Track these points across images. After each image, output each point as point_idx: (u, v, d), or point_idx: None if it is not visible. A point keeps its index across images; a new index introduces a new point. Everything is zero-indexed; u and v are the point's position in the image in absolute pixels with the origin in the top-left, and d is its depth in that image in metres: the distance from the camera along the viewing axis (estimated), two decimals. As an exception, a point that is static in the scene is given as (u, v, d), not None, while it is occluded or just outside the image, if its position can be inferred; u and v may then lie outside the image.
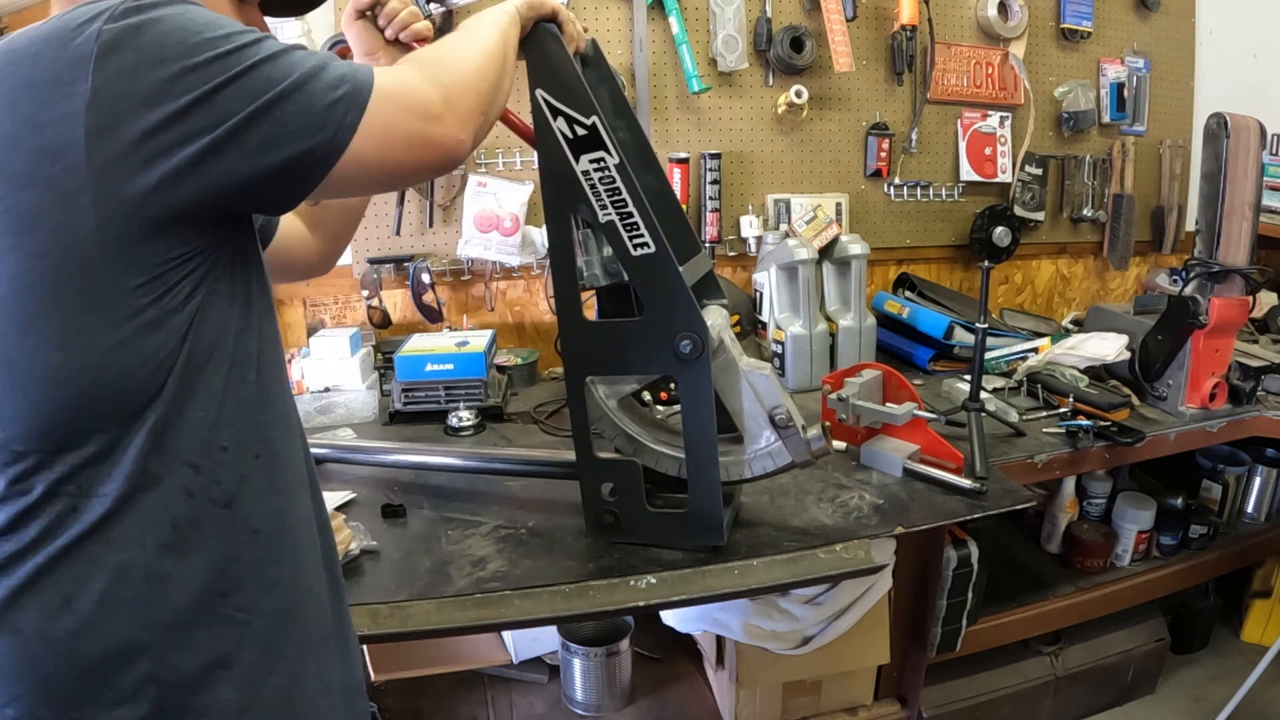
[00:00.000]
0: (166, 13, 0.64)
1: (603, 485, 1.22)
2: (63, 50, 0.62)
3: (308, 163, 0.69)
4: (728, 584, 1.19)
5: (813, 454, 1.17)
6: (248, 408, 0.75)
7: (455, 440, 1.72)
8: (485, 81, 0.83)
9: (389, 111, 0.72)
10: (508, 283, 2.16)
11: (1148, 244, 2.71)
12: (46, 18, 0.67)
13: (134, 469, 0.67)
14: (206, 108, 0.64)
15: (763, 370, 1.17)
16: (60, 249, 0.63)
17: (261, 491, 0.76)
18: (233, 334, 0.73)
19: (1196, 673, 2.29)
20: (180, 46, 0.63)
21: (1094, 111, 2.48)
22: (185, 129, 0.63)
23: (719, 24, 2.09)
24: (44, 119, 0.61)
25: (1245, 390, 1.87)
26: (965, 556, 1.65)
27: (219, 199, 0.67)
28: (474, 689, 1.89)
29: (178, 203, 0.65)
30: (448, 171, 0.80)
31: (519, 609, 1.13)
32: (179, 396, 0.69)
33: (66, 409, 0.66)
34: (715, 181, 2.14)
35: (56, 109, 0.61)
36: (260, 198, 0.71)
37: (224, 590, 0.72)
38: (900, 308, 2.24)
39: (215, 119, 0.64)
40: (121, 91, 0.61)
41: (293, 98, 0.67)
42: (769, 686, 1.71)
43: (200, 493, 0.71)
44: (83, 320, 0.65)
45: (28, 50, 0.63)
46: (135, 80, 0.62)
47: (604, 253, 1.20)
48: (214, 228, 0.70)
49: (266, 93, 0.66)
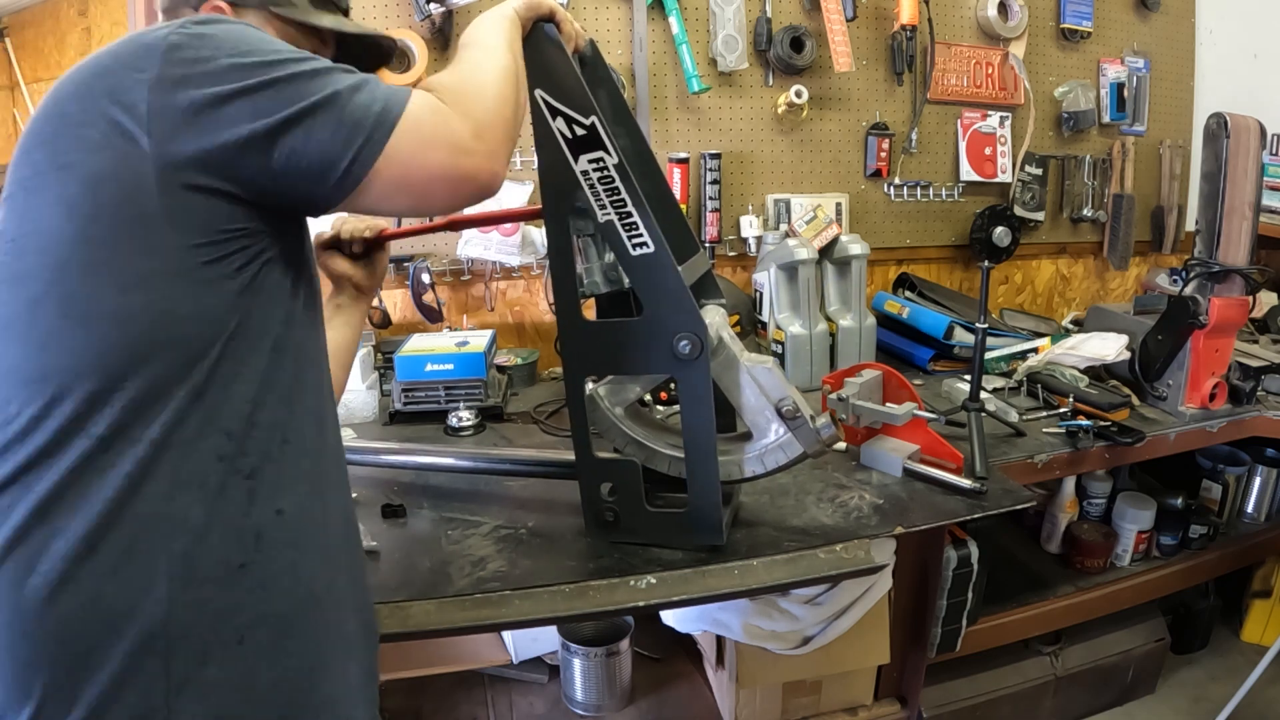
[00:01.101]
0: (230, 27, 0.75)
1: (602, 485, 1.22)
2: (138, 45, 0.72)
3: (334, 173, 0.74)
4: (728, 584, 1.19)
5: (823, 442, 1.16)
6: (283, 395, 0.78)
7: (455, 440, 1.72)
8: (509, 107, 0.86)
9: (416, 139, 0.76)
10: (508, 283, 2.16)
11: (1148, 244, 2.71)
12: (51, 19, 0.71)
13: (172, 419, 0.71)
14: (248, 102, 0.71)
15: (765, 364, 1.17)
16: (128, 202, 0.70)
17: (287, 477, 0.78)
18: (280, 321, 0.78)
19: (1196, 673, 2.29)
20: (234, 48, 0.72)
21: (1094, 111, 2.48)
22: (229, 114, 0.70)
23: (719, 24, 2.09)
24: (118, 98, 0.70)
25: (1245, 390, 1.87)
26: (965, 556, 1.65)
27: (256, 187, 0.73)
28: (474, 689, 1.89)
29: (222, 178, 0.71)
30: (480, 201, 0.82)
31: (519, 609, 1.13)
32: (223, 363, 0.73)
33: (122, 349, 0.70)
34: (715, 181, 2.14)
35: (128, 90, 0.70)
36: (292, 196, 0.76)
37: (242, 560, 0.74)
38: (900, 308, 2.24)
39: (254, 114, 0.71)
40: (180, 76, 0.70)
41: (326, 109, 0.72)
42: (769, 686, 1.71)
43: (230, 459, 0.74)
44: (147, 265, 0.71)
45: (112, 47, 0.74)
46: (192, 67, 0.71)
47: (604, 260, 1.20)
48: (266, 215, 0.76)
49: (302, 100, 0.72)
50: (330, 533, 0.84)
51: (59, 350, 0.70)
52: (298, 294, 0.81)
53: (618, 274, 1.19)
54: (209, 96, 0.70)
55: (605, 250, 1.20)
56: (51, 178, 0.71)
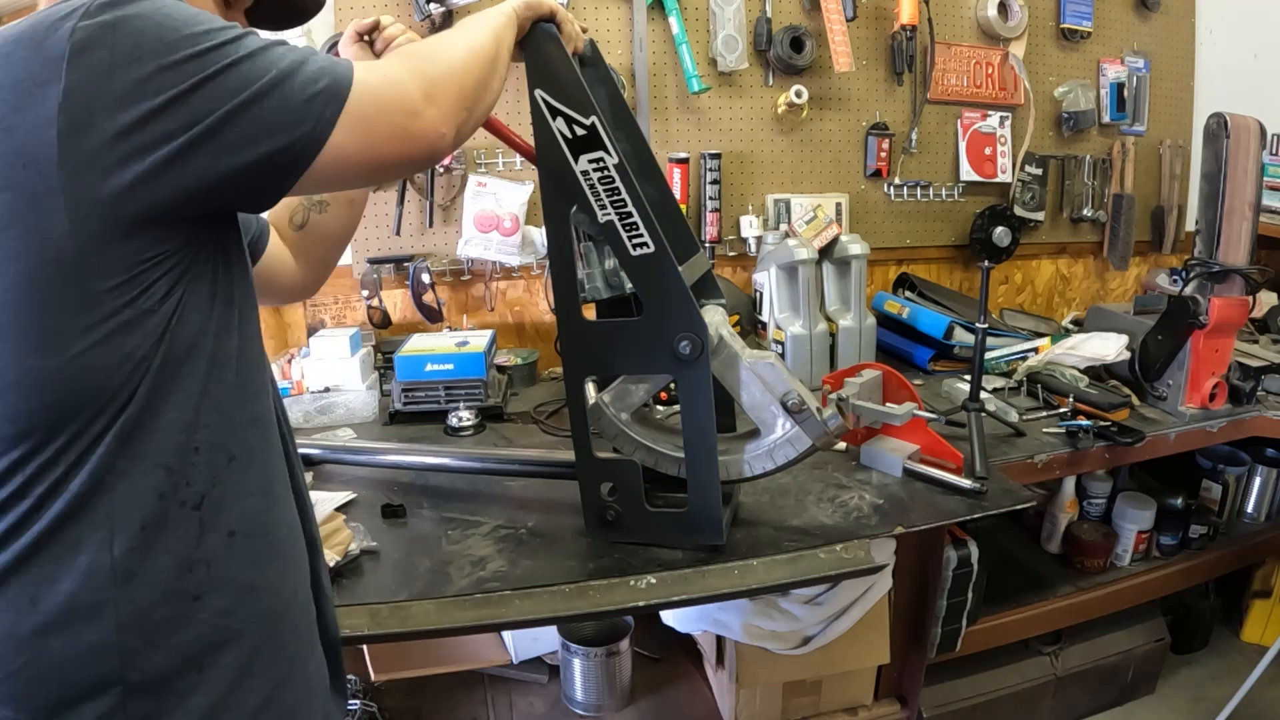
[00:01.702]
0: (142, 8, 0.63)
1: (602, 485, 1.22)
2: (36, 50, 0.61)
3: (286, 157, 0.68)
4: (728, 584, 1.19)
5: (831, 433, 1.16)
6: (224, 409, 0.73)
7: (455, 440, 1.72)
8: (470, 77, 0.82)
9: (369, 105, 0.71)
10: (508, 283, 2.16)
11: (1148, 244, 2.71)
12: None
13: (98, 467, 0.66)
14: (183, 107, 0.63)
15: (767, 359, 1.17)
16: (33, 253, 0.62)
17: (236, 493, 0.74)
18: (212, 333, 0.72)
19: (1196, 673, 2.29)
20: (156, 44, 0.62)
21: (1094, 111, 2.48)
22: (161, 128, 0.62)
23: (719, 24, 2.09)
24: (16, 121, 0.61)
25: (1245, 390, 1.87)
26: (965, 556, 1.65)
27: (197, 196, 0.66)
28: (474, 689, 1.89)
29: (154, 202, 0.64)
30: (429, 166, 0.80)
31: (519, 609, 1.13)
32: (153, 397, 0.68)
33: (39, 411, 0.65)
34: (715, 181, 2.14)
35: (29, 111, 0.60)
36: (240, 194, 0.70)
37: (196, 593, 0.71)
38: (900, 308, 2.24)
39: (192, 118, 0.63)
40: (95, 91, 0.60)
41: (271, 94, 0.66)
42: (769, 686, 1.71)
43: (170, 494, 0.69)
44: (58, 324, 0.64)
45: (1, 51, 0.62)
46: (109, 80, 0.61)
47: (605, 265, 1.20)
48: (192, 226, 0.69)
49: (245, 90, 0.65)
50: (285, 537, 0.81)
51: None
52: (231, 297, 0.75)
53: (619, 279, 1.19)
54: (135, 117, 0.61)
55: (606, 256, 1.20)
56: None
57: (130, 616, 0.68)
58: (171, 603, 0.70)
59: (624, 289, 1.20)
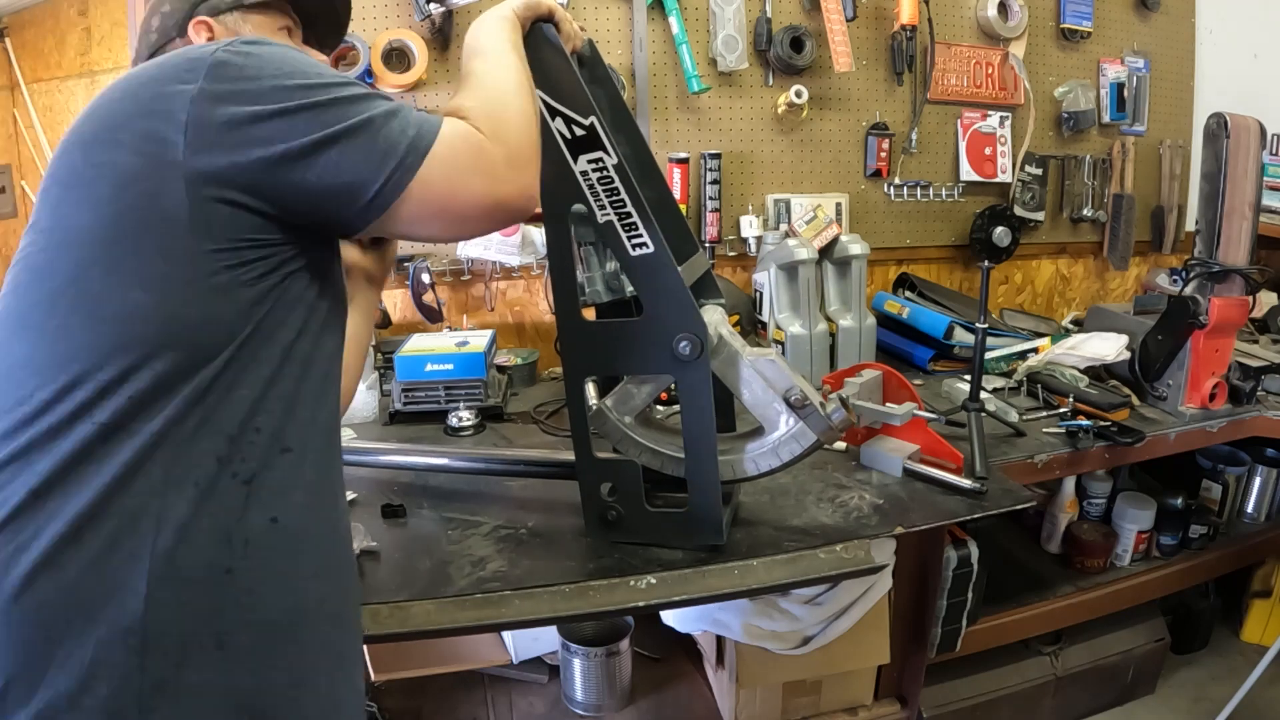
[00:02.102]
0: (275, 50, 0.78)
1: (602, 485, 1.22)
2: (185, 59, 0.76)
3: (363, 196, 0.76)
4: (728, 584, 1.19)
5: (836, 427, 1.15)
6: (288, 401, 0.79)
7: (455, 440, 1.72)
8: (534, 125, 0.88)
9: (451, 167, 0.78)
10: (508, 283, 2.16)
11: (1148, 244, 2.71)
12: (51, 19, 0.72)
13: (172, 416, 0.72)
14: (284, 121, 0.74)
15: (768, 355, 1.17)
16: (153, 205, 0.73)
17: (284, 484, 0.78)
18: (293, 332, 0.80)
19: (1196, 673, 2.29)
20: (277, 69, 0.75)
21: (1094, 111, 2.48)
22: (264, 132, 0.73)
23: (719, 24, 2.09)
24: (159, 106, 0.73)
25: (1245, 390, 1.87)
26: (965, 556, 1.65)
27: (283, 204, 0.76)
28: (474, 689, 1.89)
29: (248, 193, 0.74)
30: (517, 223, 0.84)
31: (519, 609, 1.13)
32: (230, 368, 0.75)
33: (132, 345, 0.72)
34: (715, 181, 2.14)
35: (170, 99, 0.73)
36: (326, 215, 0.78)
37: (229, 565, 0.74)
38: (900, 308, 2.24)
39: (289, 133, 0.74)
40: (223, 92, 0.73)
41: (361, 132, 0.75)
42: (769, 686, 1.71)
43: (226, 462, 0.74)
44: (163, 268, 0.73)
45: (160, 59, 0.77)
46: (235, 84, 0.74)
47: (606, 268, 1.20)
48: (292, 231, 0.78)
49: (338, 123, 0.74)
50: (327, 546, 0.83)
51: (73, 342, 0.72)
52: (318, 309, 0.83)
53: (620, 282, 1.19)
54: (248, 114, 0.73)
55: (607, 259, 1.20)
56: (85, 176, 0.74)
57: (163, 568, 0.70)
58: (204, 568, 0.72)
59: (624, 292, 1.19)
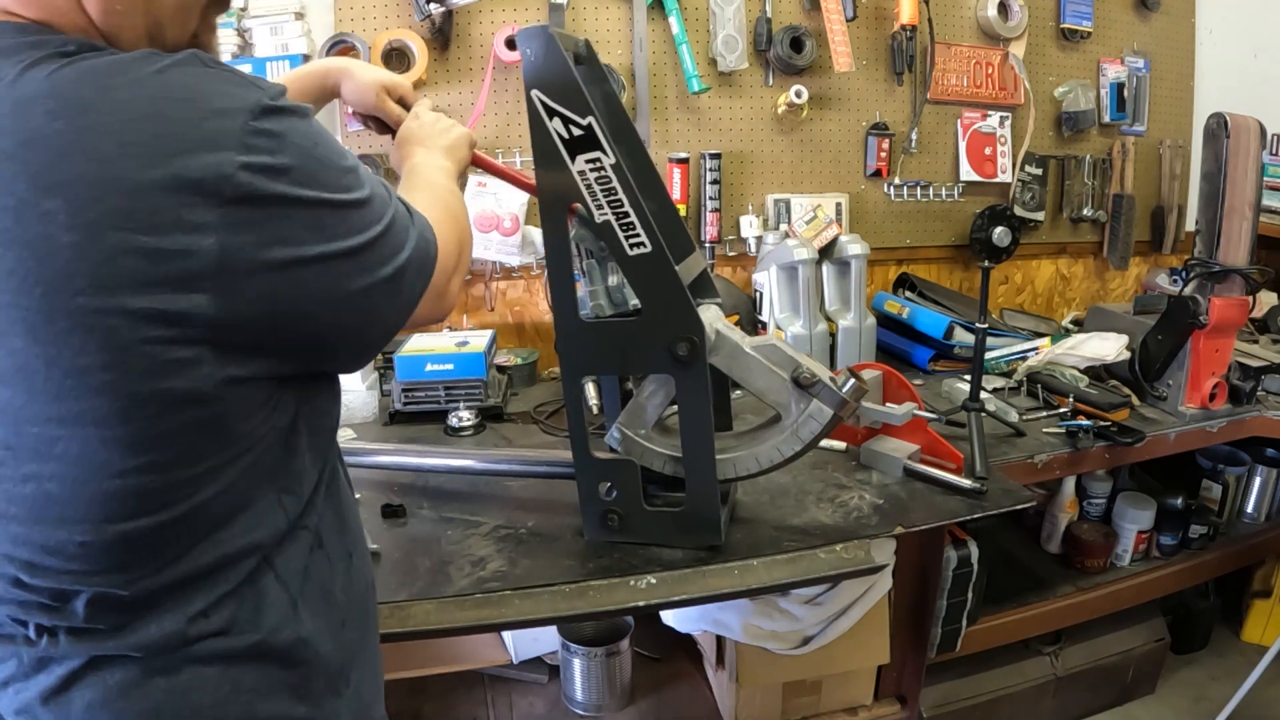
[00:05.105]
0: (304, 122, 0.65)
1: (600, 485, 1.22)
2: (194, 129, 0.58)
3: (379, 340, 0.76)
4: (728, 584, 1.19)
5: (851, 398, 1.14)
6: (329, 438, 0.80)
7: (455, 440, 1.72)
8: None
9: (434, 282, 0.77)
10: (508, 283, 2.16)
11: (1148, 244, 2.71)
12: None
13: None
14: (305, 220, 0.64)
15: (770, 342, 1.16)
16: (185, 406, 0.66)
17: (330, 519, 0.79)
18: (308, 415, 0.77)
19: (1196, 673, 2.29)
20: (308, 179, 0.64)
21: (1094, 111, 2.48)
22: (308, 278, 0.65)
23: (719, 24, 2.09)
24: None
25: (1245, 390, 1.87)
26: (965, 556, 1.65)
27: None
28: (474, 689, 1.89)
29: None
30: None
31: (519, 609, 1.13)
32: (291, 463, 0.73)
33: (213, 524, 0.69)
34: (715, 181, 2.14)
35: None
36: (328, 360, 0.75)
37: (344, 619, 0.79)
38: (900, 308, 2.24)
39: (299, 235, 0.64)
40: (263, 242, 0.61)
41: (393, 281, 0.71)
42: (769, 686, 1.71)
43: (309, 538, 0.76)
44: (214, 461, 0.68)
45: (153, 104, 0.57)
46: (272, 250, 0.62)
47: (609, 282, 1.20)
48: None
49: (378, 270, 0.69)
50: (357, 555, 0.86)
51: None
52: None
53: (623, 295, 1.19)
54: (284, 259, 0.61)
55: (611, 271, 1.19)
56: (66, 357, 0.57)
57: (320, 666, 0.74)
58: (334, 636, 0.76)
59: (627, 305, 1.19)
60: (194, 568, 0.65)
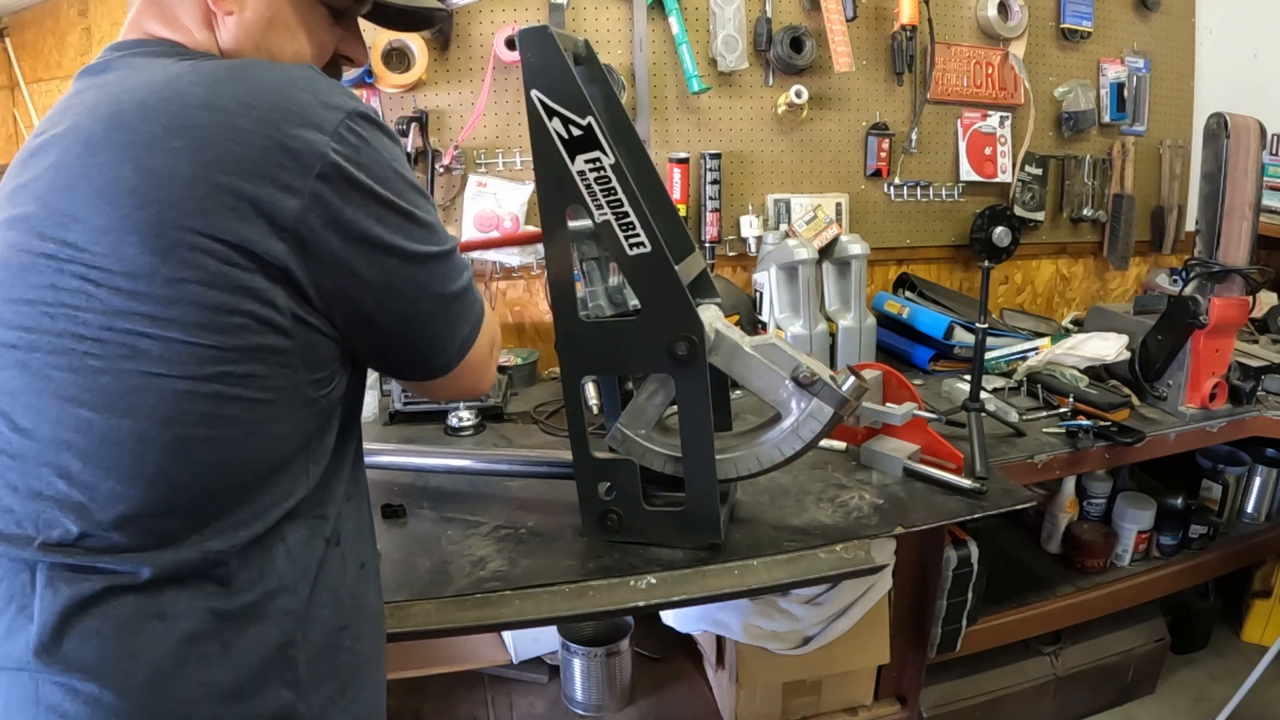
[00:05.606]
0: (390, 140, 0.75)
1: (600, 485, 1.22)
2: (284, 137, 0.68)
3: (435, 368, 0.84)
4: (728, 584, 1.19)
5: (850, 397, 1.14)
6: (343, 453, 0.82)
7: (455, 440, 1.72)
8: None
9: (478, 346, 0.86)
10: (508, 283, 2.16)
11: (1148, 244, 2.71)
12: (51, 19, 0.72)
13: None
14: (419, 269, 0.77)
15: (769, 341, 1.16)
16: (257, 342, 0.72)
17: (354, 530, 0.83)
18: (349, 400, 0.83)
19: (1196, 673, 2.29)
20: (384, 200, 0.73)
21: (1094, 111, 2.48)
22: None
23: (719, 24, 2.09)
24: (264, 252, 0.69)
25: (1245, 390, 1.87)
26: (965, 556, 1.65)
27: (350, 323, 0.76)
28: (474, 689, 1.89)
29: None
30: None
31: (519, 609, 1.13)
32: (312, 455, 0.77)
33: (237, 487, 0.73)
34: (715, 181, 2.14)
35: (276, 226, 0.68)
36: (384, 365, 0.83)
37: (344, 623, 0.78)
38: (900, 308, 2.24)
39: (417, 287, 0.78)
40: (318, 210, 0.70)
41: (460, 314, 0.82)
42: (769, 686, 1.71)
43: (325, 532, 0.78)
44: (268, 412, 0.74)
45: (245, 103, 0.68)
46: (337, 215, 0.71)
47: (609, 283, 1.20)
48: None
49: (427, 245, 0.77)
50: (372, 562, 0.88)
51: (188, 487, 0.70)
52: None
53: (622, 296, 1.19)
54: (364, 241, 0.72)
55: (611, 273, 1.19)
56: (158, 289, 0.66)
57: (311, 654, 0.74)
58: (331, 635, 0.77)
59: (627, 306, 1.19)
60: (222, 506, 0.69)
